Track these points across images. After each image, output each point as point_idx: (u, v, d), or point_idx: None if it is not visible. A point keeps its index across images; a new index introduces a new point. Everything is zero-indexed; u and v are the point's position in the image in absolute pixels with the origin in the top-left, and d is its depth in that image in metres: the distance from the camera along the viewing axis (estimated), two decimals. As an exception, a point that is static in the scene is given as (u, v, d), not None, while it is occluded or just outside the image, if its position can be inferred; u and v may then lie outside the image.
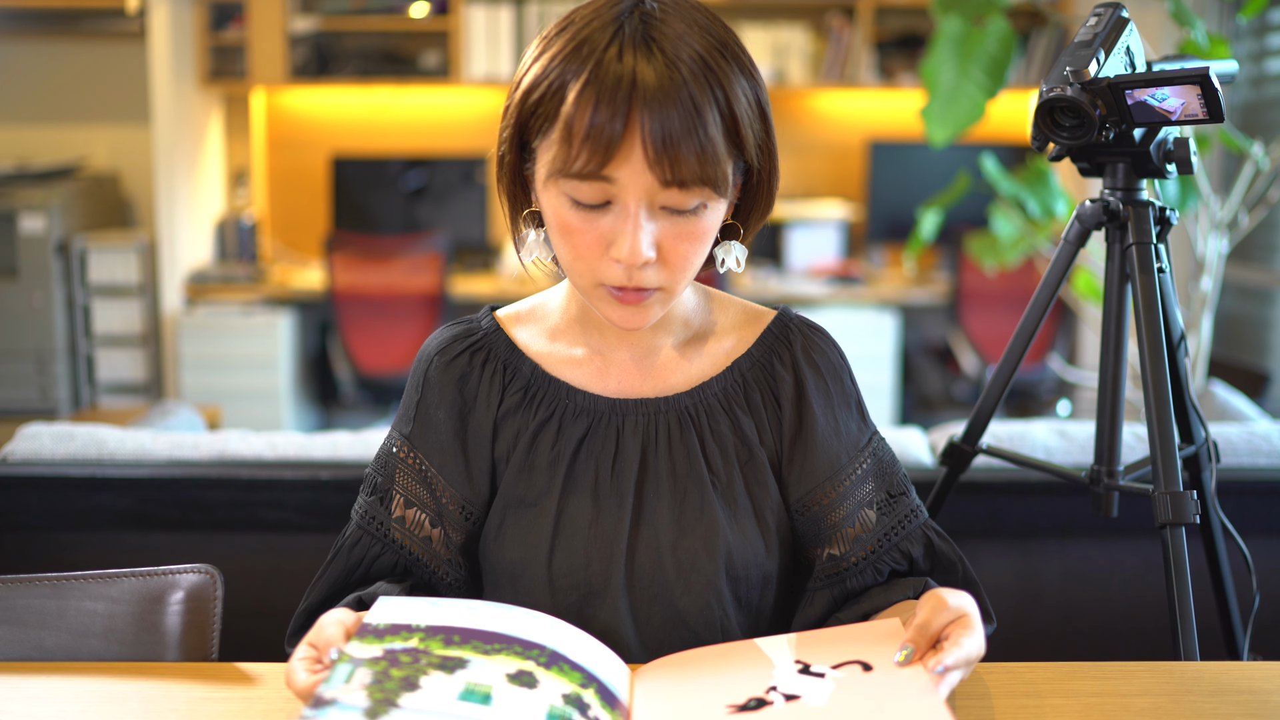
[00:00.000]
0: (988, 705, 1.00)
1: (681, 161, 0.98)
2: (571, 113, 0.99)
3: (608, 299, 1.06)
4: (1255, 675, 1.06)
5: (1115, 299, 1.47)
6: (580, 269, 1.06)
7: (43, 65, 5.12)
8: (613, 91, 0.98)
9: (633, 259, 1.01)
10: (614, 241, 1.02)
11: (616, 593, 1.11)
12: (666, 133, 0.97)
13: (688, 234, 1.03)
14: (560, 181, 1.02)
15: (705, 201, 1.03)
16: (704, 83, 0.99)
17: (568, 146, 0.99)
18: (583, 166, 0.99)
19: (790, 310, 1.23)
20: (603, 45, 0.99)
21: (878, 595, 1.16)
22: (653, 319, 1.09)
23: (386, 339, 4.53)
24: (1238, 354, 4.22)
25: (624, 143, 0.98)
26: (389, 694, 0.84)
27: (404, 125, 5.22)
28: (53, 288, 4.61)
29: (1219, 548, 1.50)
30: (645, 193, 1.00)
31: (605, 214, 1.02)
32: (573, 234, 1.04)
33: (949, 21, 2.80)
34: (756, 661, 0.99)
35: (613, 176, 1.00)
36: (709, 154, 0.99)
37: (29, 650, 1.10)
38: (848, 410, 1.20)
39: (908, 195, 4.77)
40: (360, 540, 1.17)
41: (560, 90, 1.00)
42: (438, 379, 1.18)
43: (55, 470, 1.78)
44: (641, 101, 0.97)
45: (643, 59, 0.98)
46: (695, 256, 1.06)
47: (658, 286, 1.05)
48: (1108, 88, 1.32)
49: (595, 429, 1.15)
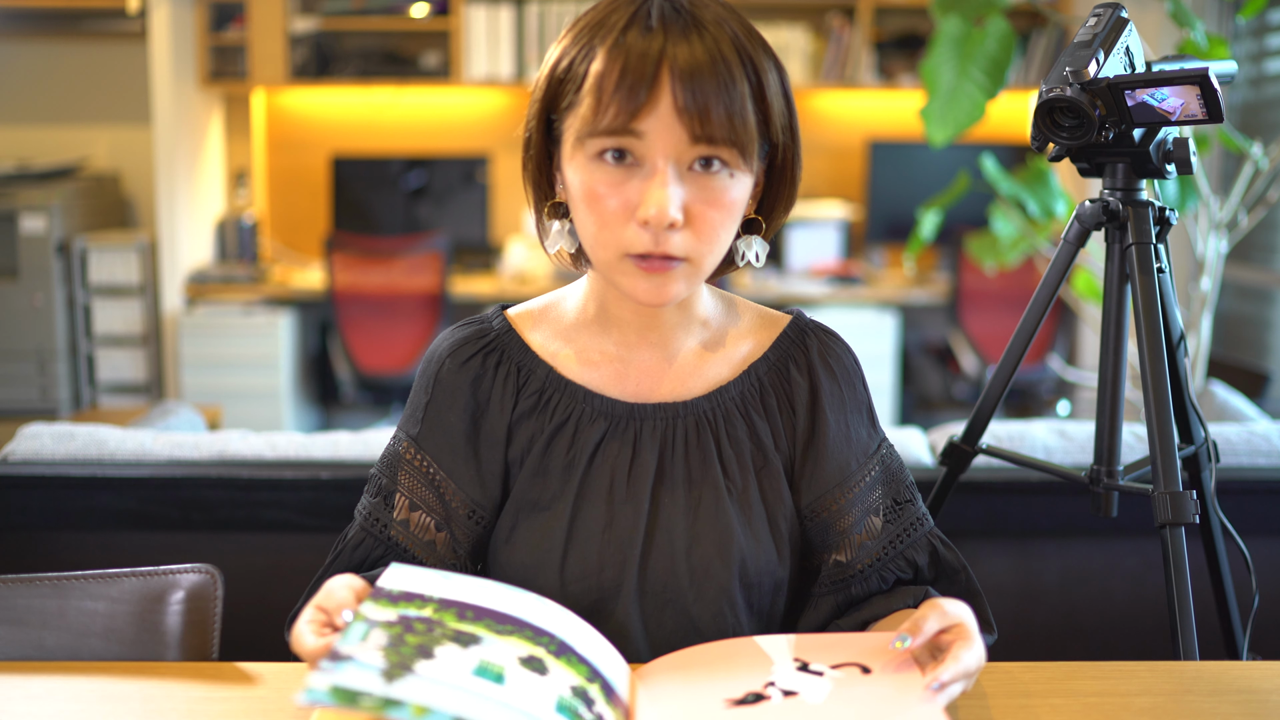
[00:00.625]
0: (987, 705, 1.00)
1: (711, 115, 0.98)
2: (601, 69, 0.99)
3: (632, 270, 1.04)
4: (1255, 675, 1.06)
5: (1115, 299, 1.47)
6: (605, 238, 1.04)
7: (44, 65, 5.12)
8: (644, 48, 0.99)
9: (660, 218, 1.00)
10: (641, 203, 1.01)
11: (629, 598, 1.10)
12: (697, 85, 0.98)
13: (715, 200, 1.02)
14: (587, 142, 1.02)
15: (732, 170, 1.02)
16: (734, 51, 1.00)
17: (597, 101, 0.99)
18: (612, 119, 0.99)
19: (804, 314, 1.22)
20: (630, 13, 1.01)
21: (879, 603, 1.15)
22: (676, 296, 1.06)
23: (387, 339, 4.53)
24: (1237, 354, 4.22)
25: (653, 93, 0.98)
26: (405, 659, 0.84)
27: (404, 125, 5.22)
28: (53, 288, 4.61)
29: (1218, 548, 1.50)
30: (674, 149, 1.00)
31: (632, 176, 1.02)
32: (599, 200, 1.02)
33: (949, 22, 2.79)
34: (755, 658, 0.99)
35: (641, 130, 0.99)
36: (738, 112, 0.99)
37: (29, 650, 1.10)
38: (859, 416, 1.19)
39: (908, 195, 4.76)
40: (363, 542, 1.16)
41: (589, 53, 1.01)
42: (450, 381, 1.16)
43: (56, 470, 1.78)
44: (672, 57, 0.98)
45: (674, 24, 1.00)
46: (722, 229, 1.04)
47: (684, 256, 1.03)
48: (1107, 88, 1.32)
49: (612, 433, 1.14)
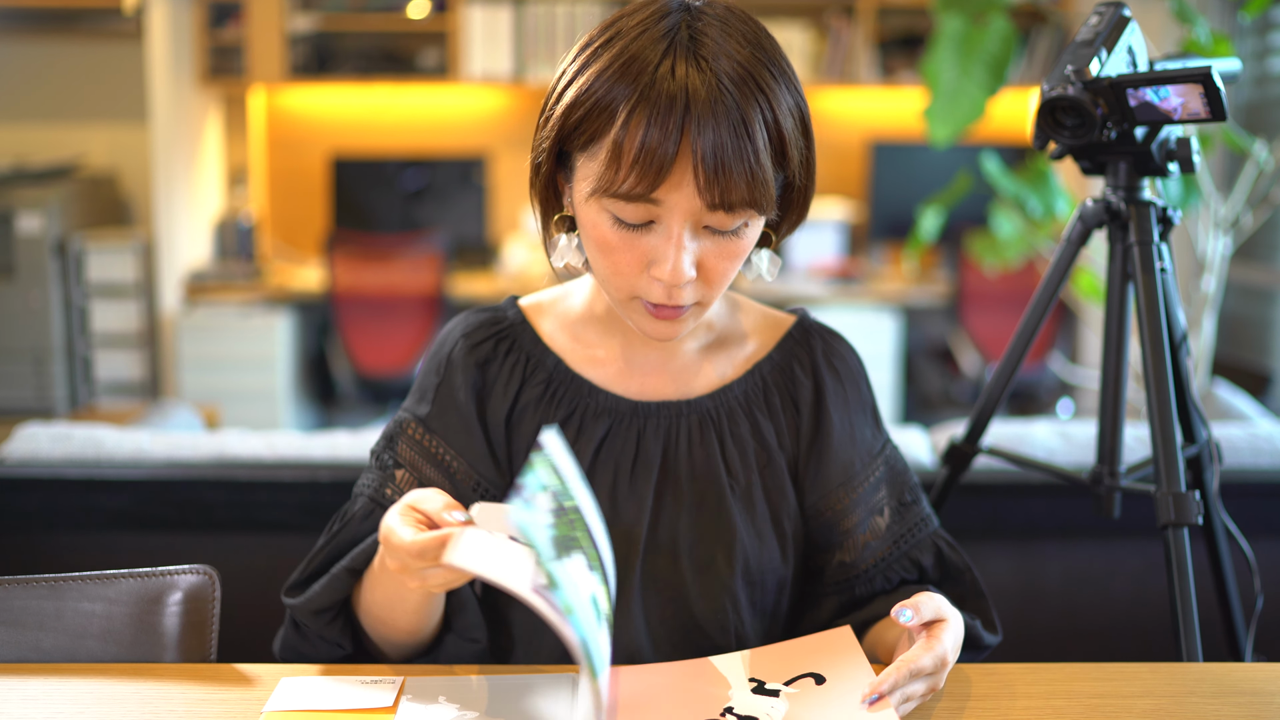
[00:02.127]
0: (988, 706, 1.00)
1: (732, 186, 0.98)
2: (621, 135, 0.98)
3: (642, 312, 1.06)
4: (1258, 676, 1.06)
5: (1117, 299, 1.46)
6: (618, 283, 1.06)
7: (40, 64, 5.11)
8: (665, 115, 0.96)
9: (675, 279, 1.01)
10: (655, 261, 1.02)
11: (631, 594, 1.11)
12: (720, 159, 0.97)
13: (729, 253, 1.04)
14: (604, 200, 1.01)
15: (748, 221, 1.03)
16: (753, 101, 0.98)
17: (615, 167, 0.98)
18: (631, 188, 0.98)
19: (809, 314, 1.23)
20: (654, 64, 0.98)
21: (881, 603, 1.16)
22: (685, 331, 1.09)
23: (385, 339, 4.53)
24: (1241, 354, 4.22)
25: (675, 167, 0.97)
26: (564, 541, 0.84)
27: (403, 124, 5.21)
28: (50, 287, 4.60)
29: (1221, 548, 1.50)
30: (691, 215, 1.00)
31: (648, 234, 1.02)
32: (613, 251, 1.03)
33: (950, 20, 2.79)
34: (712, 682, 1.00)
35: (660, 199, 0.99)
36: (758, 178, 0.99)
37: (26, 651, 1.10)
38: (864, 416, 1.20)
39: (909, 195, 4.76)
40: (372, 513, 1.15)
41: (610, 109, 0.99)
42: (461, 361, 1.17)
43: (52, 471, 1.77)
44: (695, 126, 0.96)
45: (694, 76, 0.97)
46: (733, 273, 1.06)
47: (695, 302, 1.06)
48: (1109, 87, 1.31)
49: (616, 430, 1.15)
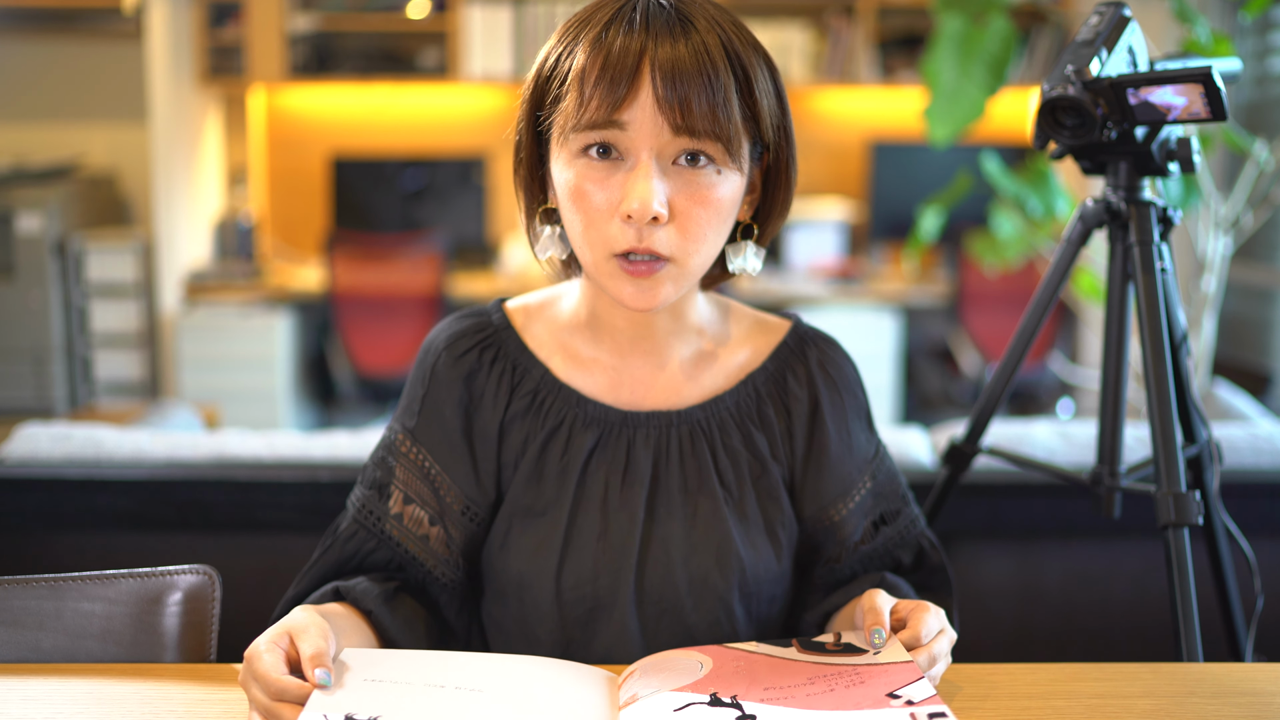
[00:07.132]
0: (989, 706, 1.00)
1: (692, 107, 0.98)
2: (583, 64, 1.00)
3: (619, 274, 1.04)
4: (1259, 677, 1.06)
5: (1117, 299, 1.46)
6: (591, 237, 1.04)
7: (39, 64, 5.11)
8: (626, 42, 0.99)
9: (643, 210, 0.99)
10: (625, 198, 1.01)
11: (625, 607, 1.10)
12: (679, 77, 0.98)
13: (700, 197, 1.02)
14: (571, 137, 1.02)
15: (719, 168, 1.02)
16: (720, 48, 1.01)
17: (579, 95, 1.00)
18: (594, 112, 1.00)
19: (802, 321, 1.22)
20: (615, 10, 1.02)
21: (839, 594, 1.16)
22: (664, 299, 1.05)
23: (385, 338, 4.53)
24: (1241, 354, 4.21)
25: (634, 85, 0.99)
26: None
27: (403, 124, 5.21)
28: (50, 287, 4.60)
29: (1222, 549, 1.50)
30: (656, 141, 1.00)
31: (616, 171, 1.02)
32: (584, 197, 1.03)
33: (950, 20, 2.79)
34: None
35: (623, 121, 1.00)
36: (721, 105, 0.99)
37: (26, 652, 1.10)
38: (859, 422, 1.19)
39: (909, 194, 4.75)
40: (356, 534, 1.15)
41: (572, 50, 1.02)
42: (445, 374, 1.15)
43: (52, 471, 1.77)
44: (653, 51, 0.99)
45: (658, 21, 1.01)
46: (709, 228, 1.03)
47: (669, 256, 1.03)
48: (1110, 87, 1.31)
49: (606, 440, 1.13)
